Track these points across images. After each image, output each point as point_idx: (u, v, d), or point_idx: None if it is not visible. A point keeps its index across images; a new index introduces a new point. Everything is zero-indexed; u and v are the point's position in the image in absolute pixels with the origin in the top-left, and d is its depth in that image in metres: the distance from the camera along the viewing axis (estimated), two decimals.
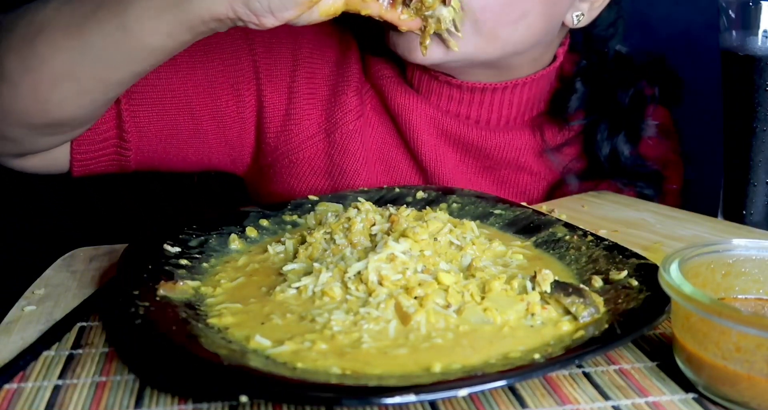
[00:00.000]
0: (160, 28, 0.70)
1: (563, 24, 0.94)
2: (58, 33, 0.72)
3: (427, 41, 0.81)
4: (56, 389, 0.52)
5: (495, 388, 0.47)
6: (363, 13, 0.79)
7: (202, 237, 0.72)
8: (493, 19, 0.84)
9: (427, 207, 0.81)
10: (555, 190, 1.05)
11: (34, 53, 0.72)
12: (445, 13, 0.79)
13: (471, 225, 0.72)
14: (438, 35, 0.83)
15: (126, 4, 0.70)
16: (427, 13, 0.78)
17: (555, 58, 1.00)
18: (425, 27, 0.81)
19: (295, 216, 0.80)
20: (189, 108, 0.92)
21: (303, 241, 0.70)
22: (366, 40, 1.01)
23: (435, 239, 0.65)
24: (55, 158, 0.86)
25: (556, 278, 0.60)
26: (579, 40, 1.03)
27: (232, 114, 0.95)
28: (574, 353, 0.50)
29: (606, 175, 1.03)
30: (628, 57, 1.05)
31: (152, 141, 0.90)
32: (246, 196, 1.11)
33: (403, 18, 0.81)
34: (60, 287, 0.69)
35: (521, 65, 0.95)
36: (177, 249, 0.68)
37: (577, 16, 0.94)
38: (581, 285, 0.60)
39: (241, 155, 1.00)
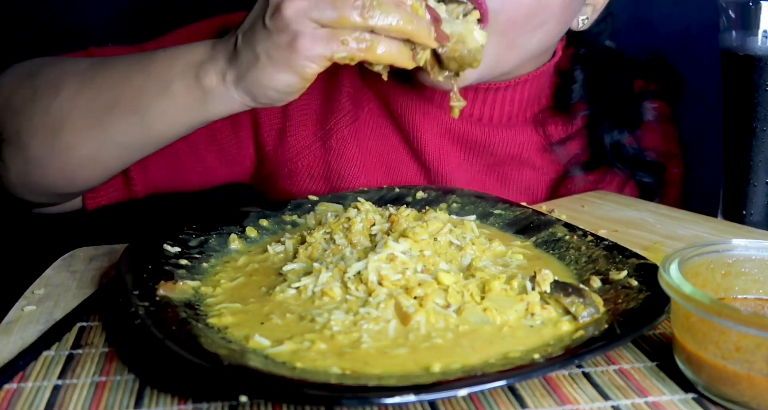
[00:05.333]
0: (181, 124, 0.76)
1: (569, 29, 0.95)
2: (81, 123, 0.78)
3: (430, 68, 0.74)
4: (56, 389, 0.52)
5: (495, 388, 0.47)
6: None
7: (202, 237, 0.72)
8: (515, 30, 0.84)
9: (427, 207, 0.81)
10: (558, 186, 1.05)
11: (60, 141, 0.78)
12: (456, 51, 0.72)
13: (471, 225, 0.72)
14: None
15: (145, 105, 0.75)
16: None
17: (554, 53, 1.00)
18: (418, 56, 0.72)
19: (295, 217, 0.80)
20: (186, 136, 0.93)
21: (303, 241, 0.70)
22: None
23: (435, 239, 0.65)
24: (71, 202, 0.93)
25: (556, 278, 0.60)
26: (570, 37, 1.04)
27: (228, 135, 0.98)
28: (573, 353, 0.50)
29: (608, 163, 1.04)
30: (618, 52, 1.07)
31: (155, 171, 0.94)
32: (246, 196, 1.11)
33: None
34: (60, 287, 0.69)
35: (524, 64, 0.95)
36: (177, 249, 0.69)
37: (582, 19, 0.95)
38: (581, 285, 0.60)
39: (243, 168, 1.03)
